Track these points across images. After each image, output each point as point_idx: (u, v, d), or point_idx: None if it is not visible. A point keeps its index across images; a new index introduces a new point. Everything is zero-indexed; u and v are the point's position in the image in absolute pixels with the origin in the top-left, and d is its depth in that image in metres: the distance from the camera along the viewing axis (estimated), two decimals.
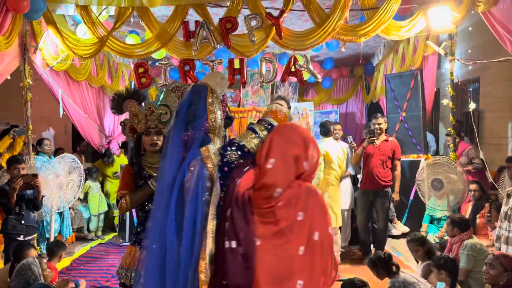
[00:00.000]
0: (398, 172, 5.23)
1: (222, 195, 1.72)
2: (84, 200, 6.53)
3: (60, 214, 5.76)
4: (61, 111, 5.65)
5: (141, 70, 5.10)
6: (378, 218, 5.42)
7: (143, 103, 2.75)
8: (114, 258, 5.73)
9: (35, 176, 4.15)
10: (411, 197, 6.21)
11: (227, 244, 1.63)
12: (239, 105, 9.01)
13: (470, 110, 5.06)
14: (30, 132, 5.11)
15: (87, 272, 5.19)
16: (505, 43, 4.04)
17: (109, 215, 6.91)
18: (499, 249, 3.24)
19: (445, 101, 5.69)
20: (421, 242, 3.67)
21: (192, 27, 5.09)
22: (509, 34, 3.89)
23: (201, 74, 8.20)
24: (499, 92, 6.04)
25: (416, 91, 6.22)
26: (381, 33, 5.09)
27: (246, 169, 1.70)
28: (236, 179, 1.68)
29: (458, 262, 3.52)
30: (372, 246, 5.56)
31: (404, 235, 6.10)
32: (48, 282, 3.26)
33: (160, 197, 1.87)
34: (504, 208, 3.23)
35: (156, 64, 5.48)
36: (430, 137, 7.57)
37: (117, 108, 2.66)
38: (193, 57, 5.12)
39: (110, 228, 7.01)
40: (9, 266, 3.51)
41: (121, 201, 2.53)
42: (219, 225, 1.70)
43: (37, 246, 5.09)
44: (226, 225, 1.67)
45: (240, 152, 1.76)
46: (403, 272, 3.08)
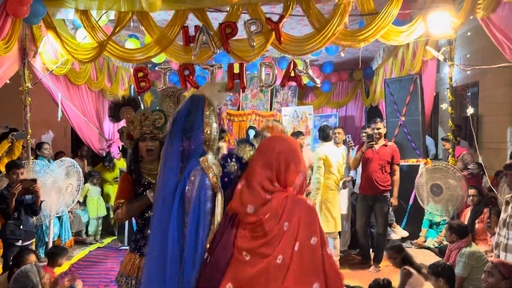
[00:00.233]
0: (397, 177, 5.22)
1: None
2: (83, 203, 6.52)
3: (59, 218, 5.75)
4: (59, 114, 5.65)
5: (140, 74, 5.11)
6: (377, 223, 5.42)
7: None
8: (113, 262, 5.71)
9: (34, 181, 4.14)
10: (411, 202, 6.21)
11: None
12: (238, 109, 9.03)
13: (468, 115, 5.06)
14: (29, 136, 5.10)
15: (85, 276, 5.17)
16: (503, 50, 4.04)
17: (108, 219, 6.90)
18: (498, 256, 3.24)
19: (444, 106, 5.70)
20: (398, 250, 3.71)
21: (191, 31, 5.10)
22: (508, 40, 3.90)
23: (201, 78, 8.24)
24: (498, 97, 6.05)
25: (415, 95, 6.24)
26: (380, 38, 5.10)
27: (239, 186, 1.75)
28: (230, 190, 1.75)
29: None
30: (371, 251, 5.56)
31: (404, 239, 6.11)
32: None
33: (161, 207, 1.88)
34: (503, 215, 3.23)
35: (156, 68, 5.48)
36: (429, 141, 7.58)
37: (114, 115, 2.69)
38: (193, 62, 5.13)
39: (109, 232, 6.99)
40: (7, 272, 3.50)
41: (117, 211, 2.53)
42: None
43: (35, 250, 5.09)
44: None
45: (239, 164, 1.82)
46: None
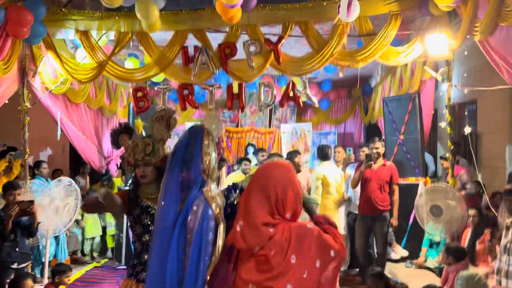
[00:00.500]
0: (396, 197, 5.19)
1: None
2: (81, 220, 6.46)
3: (56, 237, 5.70)
4: (58, 133, 5.64)
5: (139, 94, 5.12)
6: (376, 243, 5.37)
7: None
8: (110, 282, 5.64)
9: (31, 202, 4.12)
10: (410, 220, 6.17)
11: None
12: (237, 125, 9.05)
13: (465, 134, 5.06)
14: (27, 156, 5.09)
15: None
16: (501, 72, 4.06)
17: (105, 238, 6.82)
18: (500, 282, 3.21)
19: (443, 124, 5.72)
20: (379, 277, 3.68)
21: (191, 50, 5.14)
22: (506, 63, 3.92)
23: (200, 96, 8.27)
24: (496, 115, 6.07)
25: (414, 114, 6.25)
26: (379, 58, 5.14)
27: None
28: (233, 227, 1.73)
29: None
30: (370, 269, 5.50)
31: (404, 259, 6.06)
32: None
33: (160, 237, 1.88)
34: (503, 241, 3.21)
35: (156, 88, 5.50)
36: (428, 157, 7.58)
37: (115, 143, 2.77)
38: (192, 82, 5.15)
39: (105, 250, 6.90)
40: None
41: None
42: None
43: (31, 271, 5.03)
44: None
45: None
46: None
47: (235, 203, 1.82)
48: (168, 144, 2.80)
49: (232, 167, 6.65)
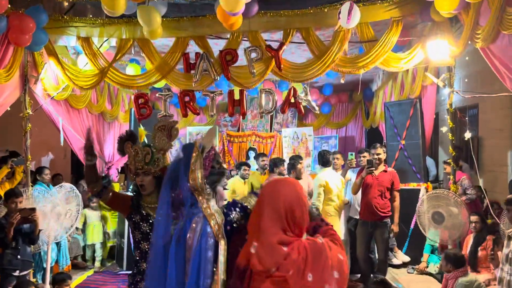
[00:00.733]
0: (397, 203, 5.18)
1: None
2: (82, 228, 6.44)
3: (57, 243, 5.69)
4: (61, 140, 5.65)
5: (141, 101, 5.12)
6: (377, 249, 5.37)
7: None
8: None
9: (32, 210, 4.12)
10: (412, 226, 6.16)
11: None
12: (238, 130, 9.05)
13: (466, 138, 5.05)
14: (29, 162, 5.09)
15: None
16: (503, 79, 4.05)
17: (106, 245, 6.78)
18: None
19: (444, 129, 5.70)
20: (382, 285, 3.65)
21: (192, 56, 5.14)
22: (508, 70, 3.91)
23: (201, 100, 8.28)
24: (498, 120, 6.05)
25: (415, 119, 6.25)
26: (380, 65, 5.14)
27: (247, 237, 1.70)
28: (239, 248, 1.69)
29: None
30: (372, 277, 5.50)
31: (405, 264, 6.05)
32: None
33: (154, 250, 1.89)
34: (505, 251, 3.19)
35: (157, 94, 5.50)
36: (430, 161, 7.56)
37: (121, 150, 2.80)
38: (193, 88, 5.15)
39: (110, 256, 6.87)
40: None
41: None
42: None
43: (33, 277, 5.03)
44: None
45: (242, 213, 1.82)
46: None
47: (235, 221, 1.79)
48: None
49: (230, 172, 6.63)
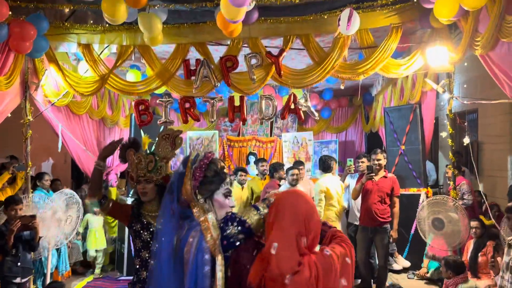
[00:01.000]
0: (396, 209, 5.18)
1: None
2: (83, 233, 6.40)
3: (57, 249, 5.68)
4: (59, 146, 5.65)
5: (142, 107, 5.13)
6: (377, 255, 5.36)
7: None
8: None
9: (33, 217, 4.11)
10: (412, 231, 6.16)
11: None
12: (238, 134, 9.05)
13: (465, 144, 5.05)
14: (29, 169, 5.09)
15: None
16: (503, 86, 4.06)
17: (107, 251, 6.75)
18: None
19: (444, 134, 5.71)
20: None
21: (193, 62, 5.15)
22: (507, 77, 3.92)
23: (202, 105, 8.29)
24: (498, 125, 6.07)
25: (415, 124, 6.26)
26: (379, 71, 5.15)
27: (255, 253, 1.66)
28: (248, 266, 1.64)
29: None
30: (372, 282, 5.49)
31: (406, 269, 6.05)
32: None
33: (158, 263, 1.87)
34: (505, 259, 3.19)
35: (157, 101, 5.50)
36: (430, 166, 7.57)
37: (122, 156, 2.81)
38: (194, 95, 5.16)
39: (110, 261, 6.84)
40: None
41: None
42: None
43: (33, 284, 5.03)
44: None
45: (240, 228, 1.74)
46: None
47: (232, 235, 1.72)
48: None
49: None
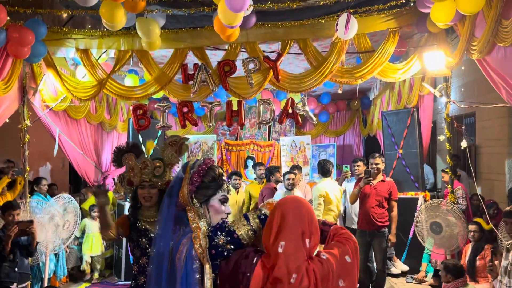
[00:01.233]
0: (395, 213, 5.18)
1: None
2: (80, 238, 6.35)
3: (55, 254, 5.66)
4: (55, 150, 5.64)
5: (140, 112, 5.13)
6: (375, 259, 5.36)
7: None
8: None
9: (30, 222, 4.09)
10: (410, 235, 6.16)
11: None
12: (236, 138, 9.06)
13: (462, 147, 5.06)
14: (27, 174, 5.08)
15: None
16: (499, 90, 4.08)
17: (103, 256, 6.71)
18: None
19: (442, 137, 5.72)
20: None
21: (190, 67, 5.16)
22: (504, 82, 3.94)
23: (200, 109, 8.29)
24: (495, 128, 6.08)
25: (413, 128, 6.28)
26: (377, 75, 5.16)
27: (255, 261, 1.65)
28: (248, 274, 1.63)
29: None
30: (370, 287, 5.49)
31: (404, 274, 6.04)
32: None
33: (155, 267, 1.88)
34: (503, 263, 3.20)
35: (155, 106, 5.51)
36: (428, 169, 7.58)
37: (117, 161, 2.76)
38: (192, 99, 5.16)
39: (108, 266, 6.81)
40: None
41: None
42: None
43: None
44: None
45: (229, 238, 1.74)
46: None
47: (220, 245, 1.72)
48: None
49: None
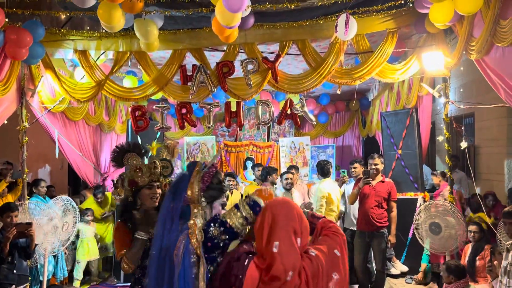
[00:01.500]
0: (394, 214, 5.17)
1: (209, 268, 1.77)
2: (74, 243, 6.07)
3: (54, 256, 5.64)
4: (57, 152, 5.63)
5: (138, 113, 5.12)
6: (375, 260, 5.35)
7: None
8: None
9: (29, 224, 4.07)
10: (410, 236, 6.15)
11: None
12: (236, 139, 9.05)
13: (462, 148, 5.06)
14: (25, 175, 5.07)
15: None
16: (498, 90, 4.08)
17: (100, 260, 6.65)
18: None
19: (441, 138, 5.72)
20: None
21: (189, 68, 5.15)
22: (502, 82, 3.93)
23: (199, 110, 8.27)
24: (494, 128, 6.09)
25: (412, 129, 6.27)
26: (376, 76, 5.16)
27: (246, 263, 1.67)
28: (240, 276, 1.65)
29: None
30: (370, 287, 5.48)
31: (404, 274, 6.03)
32: None
33: (154, 264, 1.89)
34: (503, 263, 3.19)
35: (154, 107, 5.50)
36: (427, 170, 7.57)
37: (118, 161, 2.72)
38: (190, 100, 5.16)
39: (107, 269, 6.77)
40: None
41: (122, 264, 2.52)
42: None
43: None
44: None
45: (222, 228, 1.80)
46: None
47: (215, 236, 1.79)
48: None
49: None
